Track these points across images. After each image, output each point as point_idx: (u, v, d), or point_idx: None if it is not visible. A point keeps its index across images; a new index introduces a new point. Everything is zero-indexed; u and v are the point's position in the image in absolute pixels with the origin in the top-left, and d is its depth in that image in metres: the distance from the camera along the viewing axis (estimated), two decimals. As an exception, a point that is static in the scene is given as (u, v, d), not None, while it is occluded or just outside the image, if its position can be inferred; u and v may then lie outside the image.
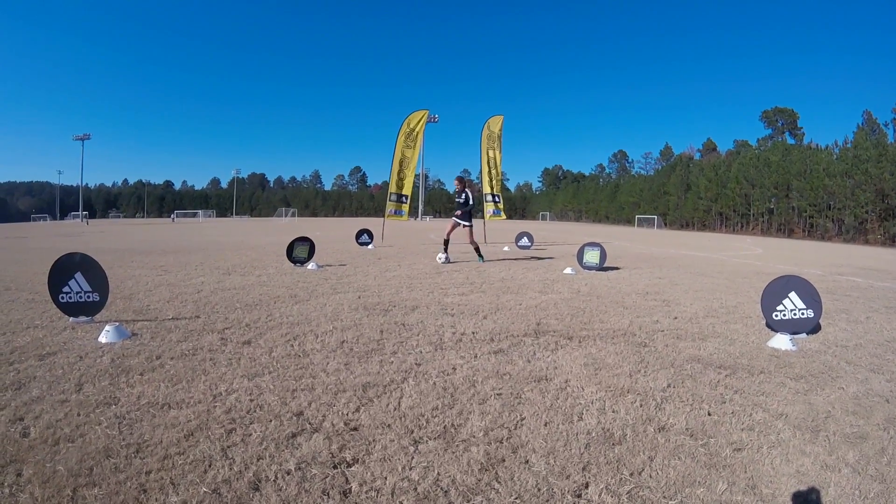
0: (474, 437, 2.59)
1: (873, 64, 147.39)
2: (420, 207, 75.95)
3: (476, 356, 4.03)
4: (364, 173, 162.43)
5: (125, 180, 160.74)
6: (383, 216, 18.86)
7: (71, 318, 4.79)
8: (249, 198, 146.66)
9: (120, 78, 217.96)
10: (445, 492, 2.09)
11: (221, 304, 5.86)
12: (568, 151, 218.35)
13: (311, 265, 9.76)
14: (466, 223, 11.25)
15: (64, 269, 4.78)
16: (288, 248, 10.24)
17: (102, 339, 4.14)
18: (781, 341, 4.52)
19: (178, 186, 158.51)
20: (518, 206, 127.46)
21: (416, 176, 22.86)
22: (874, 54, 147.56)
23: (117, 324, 4.34)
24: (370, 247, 15.87)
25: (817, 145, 60.36)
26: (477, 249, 11.46)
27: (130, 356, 3.76)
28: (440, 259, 11.11)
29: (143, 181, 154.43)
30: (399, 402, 3.03)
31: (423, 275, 8.92)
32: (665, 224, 71.43)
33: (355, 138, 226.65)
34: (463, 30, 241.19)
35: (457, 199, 11.32)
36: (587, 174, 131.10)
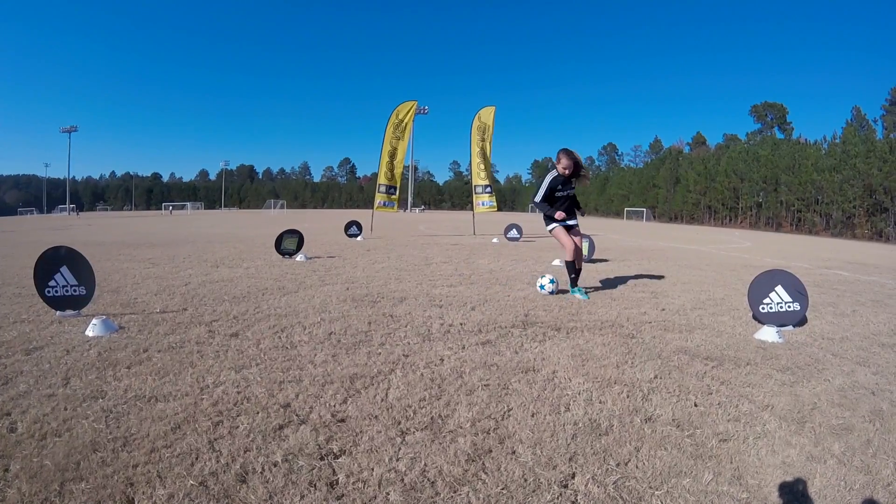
0: (461, 427, 2.60)
1: (863, 60, 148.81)
2: (409, 199, 75.74)
3: (464, 347, 4.03)
4: (353, 165, 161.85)
5: (112, 173, 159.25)
6: (372, 208, 18.83)
7: (58, 312, 4.73)
8: (238, 190, 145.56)
9: (107, 70, 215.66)
10: (432, 483, 2.10)
11: (209, 296, 5.82)
12: (557, 143, 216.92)
13: (299, 257, 9.73)
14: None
15: (49, 263, 4.72)
16: (276, 240, 10.19)
17: (89, 332, 4.10)
18: (768, 333, 4.56)
19: (166, 178, 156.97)
20: (507, 197, 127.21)
21: (406, 167, 22.84)
22: (864, 51, 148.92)
23: (104, 317, 4.30)
24: (359, 238, 15.83)
25: (806, 140, 60.88)
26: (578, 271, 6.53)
27: (117, 349, 3.72)
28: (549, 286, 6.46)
29: (131, 173, 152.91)
30: (386, 394, 3.03)
31: (411, 266, 8.91)
32: (654, 217, 71.82)
33: (344, 130, 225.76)
34: (453, 22, 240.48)
35: (565, 191, 6.37)
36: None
